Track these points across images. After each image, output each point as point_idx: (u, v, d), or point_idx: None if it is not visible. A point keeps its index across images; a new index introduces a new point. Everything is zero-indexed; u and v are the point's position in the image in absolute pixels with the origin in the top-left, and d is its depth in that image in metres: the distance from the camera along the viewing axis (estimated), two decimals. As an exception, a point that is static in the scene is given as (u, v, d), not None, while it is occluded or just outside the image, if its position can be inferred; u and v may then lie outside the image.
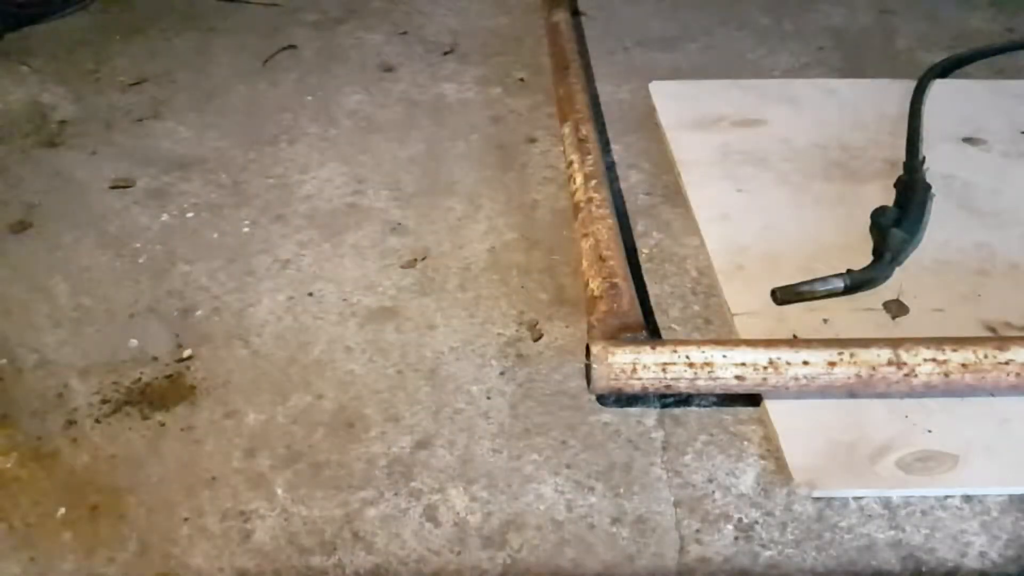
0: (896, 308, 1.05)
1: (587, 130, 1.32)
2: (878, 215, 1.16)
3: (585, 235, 1.10)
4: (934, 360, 0.90)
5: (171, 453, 0.91)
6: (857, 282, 1.07)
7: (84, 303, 1.11)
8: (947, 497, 0.86)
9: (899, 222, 1.15)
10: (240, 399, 0.97)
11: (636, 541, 0.83)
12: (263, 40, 1.76)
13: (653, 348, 0.91)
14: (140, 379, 1.00)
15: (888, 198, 1.23)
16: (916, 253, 1.15)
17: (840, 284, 1.06)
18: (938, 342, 0.91)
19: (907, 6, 1.88)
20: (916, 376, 0.90)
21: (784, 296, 1.06)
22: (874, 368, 0.89)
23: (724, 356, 0.90)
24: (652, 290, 1.12)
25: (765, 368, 0.89)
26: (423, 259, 1.18)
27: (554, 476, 0.88)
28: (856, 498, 0.86)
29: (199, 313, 1.09)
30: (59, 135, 1.46)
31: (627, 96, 1.57)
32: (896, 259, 1.11)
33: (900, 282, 1.09)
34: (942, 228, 1.19)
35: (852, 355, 0.90)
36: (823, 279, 1.07)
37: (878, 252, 1.11)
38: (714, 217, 1.22)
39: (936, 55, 1.67)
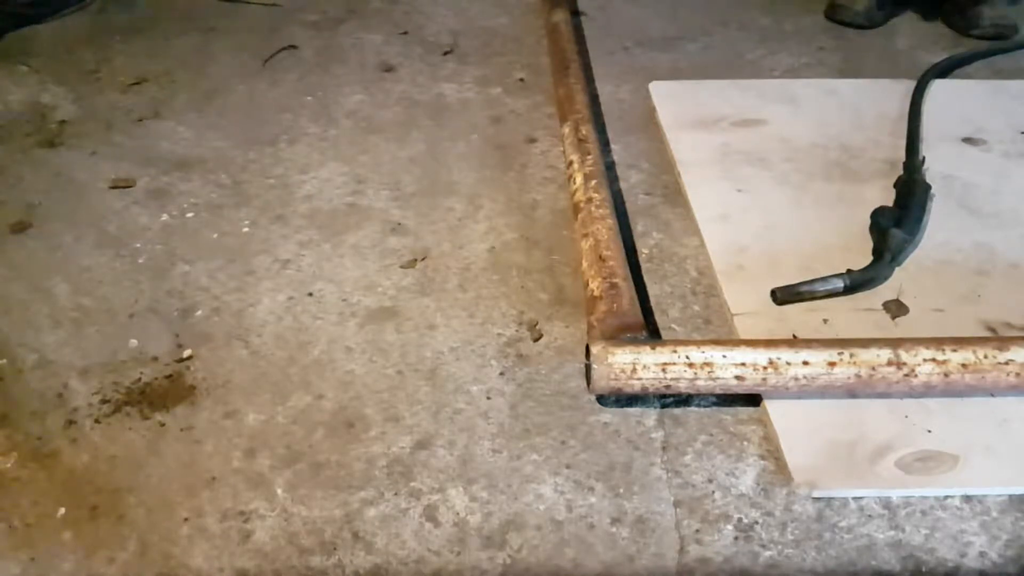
0: (896, 308, 1.05)
1: (587, 130, 1.32)
2: (878, 215, 1.16)
3: (585, 235, 1.10)
4: (934, 360, 0.90)
5: (171, 453, 0.91)
6: (857, 282, 1.07)
7: (84, 303, 1.11)
8: (947, 497, 0.86)
9: (899, 222, 1.15)
10: (240, 399, 0.97)
11: (636, 541, 0.83)
12: (263, 40, 1.77)
13: (653, 348, 0.91)
14: (140, 379, 1.00)
15: (888, 198, 1.23)
16: (916, 253, 1.15)
17: (840, 284, 1.06)
18: (938, 342, 0.91)
19: (907, 6, 1.88)
20: (916, 376, 0.90)
21: (784, 296, 1.06)
22: (874, 368, 0.89)
23: (724, 356, 0.90)
24: (652, 290, 1.12)
25: (765, 368, 0.90)
26: (423, 259, 1.18)
27: (554, 476, 0.88)
28: (856, 498, 0.86)
29: (199, 313, 1.09)
30: (59, 135, 1.46)
31: (627, 96, 1.57)
32: (896, 259, 1.11)
33: (900, 282, 1.09)
34: (942, 228, 1.19)
35: (852, 355, 0.90)
36: (823, 279, 1.07)
37: (878, 252, 1.11)
38: (714, 217, 1.22)
39: (936, 55, 1.67)
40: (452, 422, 0.94)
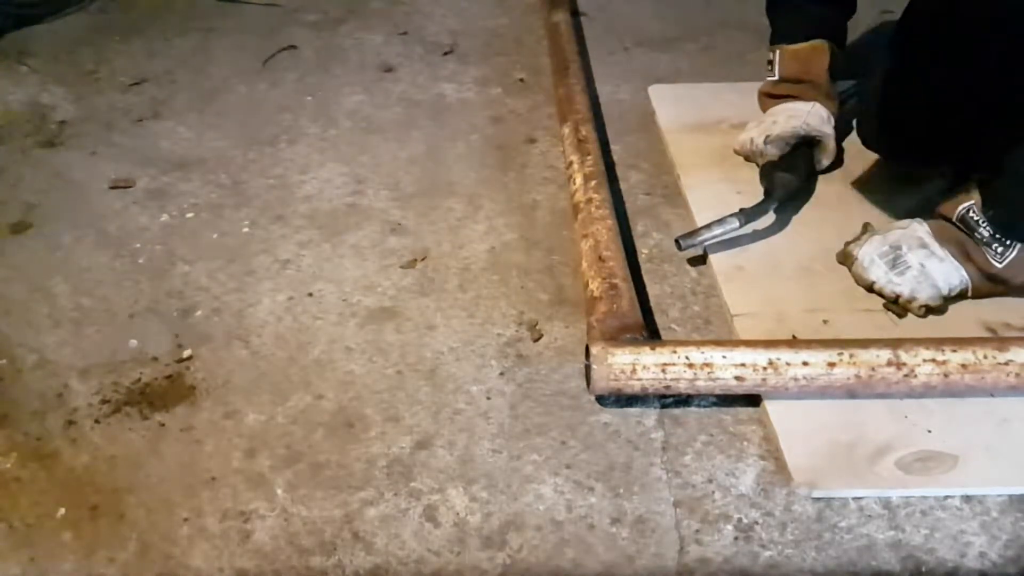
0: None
1: (587, 130, 1.32)
2: (765, 167, 1.24)
3: (585, 236, 1.11)
4: (934, 361, 0.90)
5: (171, 453, 0.91)
6: (752, 217, 1.13)
7: (84, 303, 1.11)
8: (947, 497, 0.86)
9: (783, 168, 1.21)
10: (240, 399, 0.97)
11: (636, 541, 0.83)
12: (263, 40, 1.77)
13: (653, 349, 0.91)
14: (140, 379, 1.00)
15: (889, 200, 1.23)
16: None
17: (736, 223, 1.12)
18: (938, 342, 0.91)
19: (907, 6, 1.88)
20: (916, 376, 0.90)
21: (687, 243, 1.10)
22: (874, 368, 0.89)
23: (724, 357, 0.90)
24: (652, 290, 1.12)
25: (765, 369, 0.90)
26: (423, 259, 1.18)
27: (554, 476, 0.89)
28: (856, 498, 0.86)
29: (199, 313, 1.09)
30: (59, 135, 1.47)
31: (627, 97, 1.57)
32: (785, 198, 1.18)
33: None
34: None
35: (852, 356, 0.90)
36: (719, 220, 1.12)
37: (768, 192, 1.19)
38: (713, 218, 1.21)
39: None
40: (452, 422, 0.94)
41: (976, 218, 1.03)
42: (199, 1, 1.93)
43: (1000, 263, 1.03)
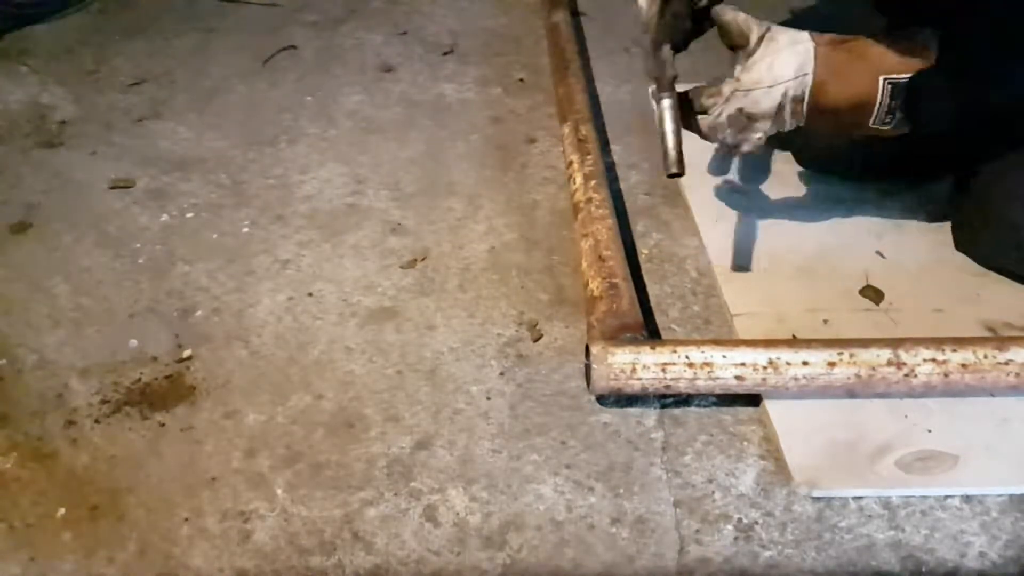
0: (874, 294, 1.04)
1: (587, 130, 1.32)
2: None
3: (585, 235, 1.11)
4: (934, 360, 0.90)
5: (171, 453, 0.91)
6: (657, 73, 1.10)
7: (84, 303, 1.11)
8: (947, 497, 0.86)
9: None
10: (240, 399, 0.97)
11: (636, 541, 0.83)
12: (263, 40, 1.77)
13: (653, 348, 0.91)
14: (140, 379, 1.00)
15: (886, 199, 1.23)
16: (916, 254, 1.15)
17: (667, 100, 1.10)
18: (938, 342, 0.91)
19: (907, 6, 1.88)
20: (916, 376, 0.90)
21: (676, 166, 1.06)
22: (874, 368, 0.89)
23: (724, 356, 0.90)
24: (652, 290, 1.12)
25: (765, 368, 0.90)
26: (423, 259, 1.18)
27: (554, 476, 0.89)
28: (856, 498, 0.86)
29: (199, 313, 1.09)
30: (59, 135, 1.47)
31: (627, 96, 1.57)
32: (653, 43, 1.11)
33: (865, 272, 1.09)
34: (943, 228, 1.19)
35: (852, 355, 0.90)
36: (659, 122, 1.10)
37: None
38: (713, 218, 1.22)
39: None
40: (452, 422, 0.94)
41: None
42: (199, 1, 1.93)
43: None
